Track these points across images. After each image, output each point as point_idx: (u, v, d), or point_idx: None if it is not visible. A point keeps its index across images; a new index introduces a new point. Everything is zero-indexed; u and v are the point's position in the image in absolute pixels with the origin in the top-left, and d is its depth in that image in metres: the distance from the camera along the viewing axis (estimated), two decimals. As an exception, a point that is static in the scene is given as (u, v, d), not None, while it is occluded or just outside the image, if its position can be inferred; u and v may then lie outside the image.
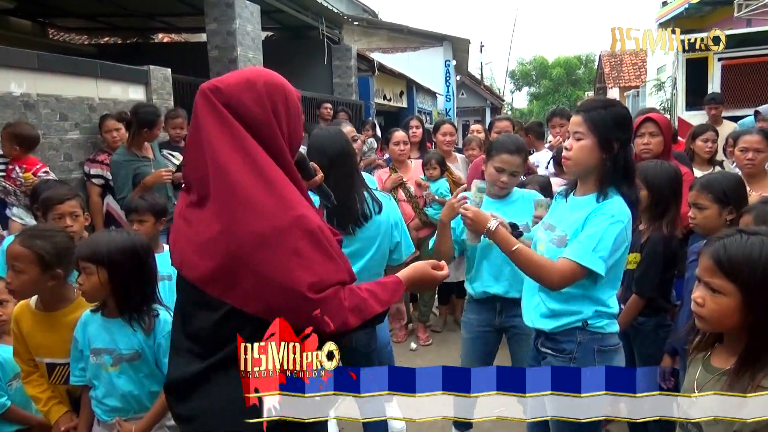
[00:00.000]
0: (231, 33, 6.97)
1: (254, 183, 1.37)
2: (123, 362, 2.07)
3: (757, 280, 1.34)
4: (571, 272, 1.96)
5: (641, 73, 22.61)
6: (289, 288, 1.34)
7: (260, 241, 1.34)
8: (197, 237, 1.42)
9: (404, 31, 18.51)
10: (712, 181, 2.54)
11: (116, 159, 4.22)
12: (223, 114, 1.41)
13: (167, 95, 5.64)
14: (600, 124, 1.99)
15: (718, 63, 7.56)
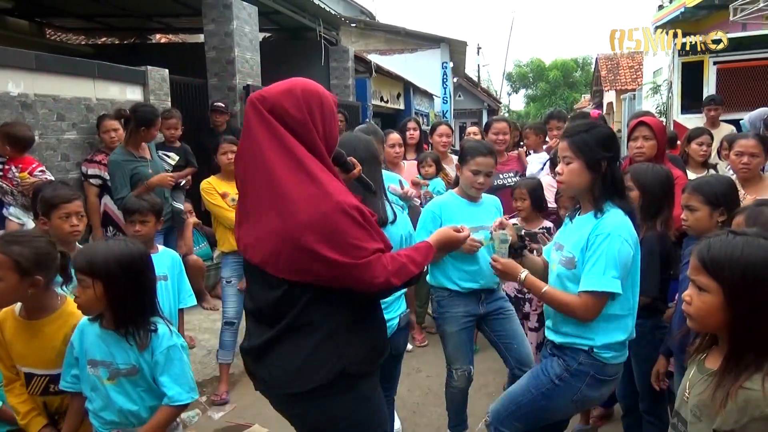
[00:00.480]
0: (229, 34, 6.98)
1: (298, 177, 1.66)
2: (120, 377, 2.02)
3: (736, 278, 1.37)
4: (593, 304, 2.11)
5: (638, 76, 22.69)
6: (335, 260, 1.63)
7: (309, 226, 1.62)
8: (259, 228, 1.71)
9: (401, 33, 18.54)
10: (703, 183, 2.60)
11: (114, 159, 4.23)
12: (267, 119, 1.69)
13: (164, 96, 5.65)
14: (584, 148, 2.14)
15: (713, 67, 7.60)
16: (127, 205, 3.14)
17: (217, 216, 4.11)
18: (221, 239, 4.16)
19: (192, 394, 2.08)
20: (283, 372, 1.75)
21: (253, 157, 1.71)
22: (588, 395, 2.24)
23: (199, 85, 7.02)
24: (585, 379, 2.20)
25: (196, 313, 5.22)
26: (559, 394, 2.22)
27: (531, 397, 2.28)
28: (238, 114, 7.08)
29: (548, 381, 2.25)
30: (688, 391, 1.49)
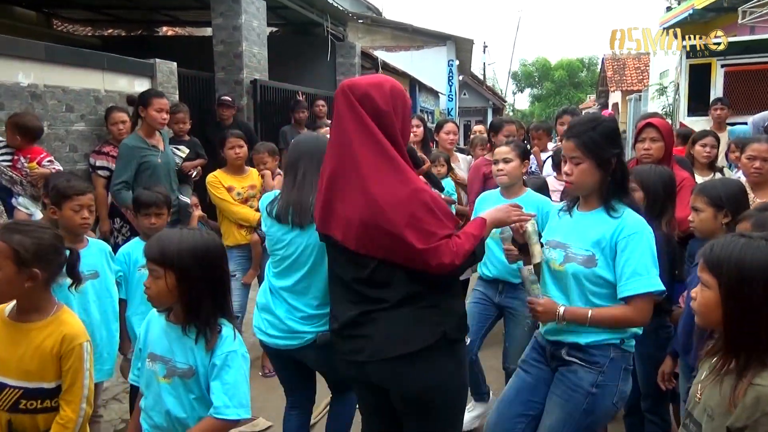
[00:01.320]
0: (237, 28, 6.99)
1: (381, 163, 1.86)
2: (176, 376, 1.87)
3: (731, 275, 1.42)
4: (648, 306, 2.07)
5: (644, 77, 22.64)
6: (410, 243, 1.81)
7: (388, 210, 1.82)
8: (343, 208, 1.90)
9: (408, 30, 18.53)
10: (708, 185, 2.64)
11: (125, 142, 4.28)
12: (356, 107, 1.88)
13: (172, 89, 5.66)
14: (593, 147, 2.07)
15: (721, 69, 7.58)
16: (142, 198, 3.11)
17: (223, 210, 4.10)
18: (226, 233, 4.16)
19: (240, 411, 1.84)
20: (389, 336, 1.92)
21: (341, 143, 1.91)
22: (624, 390, 2.16)
23: (207, 79, 7.03)
24: (619, 374, 2.12)
25: (200, 305, 5.24)
26: (600, 401, 2.11)
27: (574, 422, 2.13)
28: (244, 108, 7.09)
29: (584, 394, 2.11)
30: (700, 392, 1.52)
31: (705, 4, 12.19)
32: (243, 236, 4.14)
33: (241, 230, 4.13)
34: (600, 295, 2.10)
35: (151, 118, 4.34)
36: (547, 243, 2.28)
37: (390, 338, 1.92)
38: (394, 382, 1.97)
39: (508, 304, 3.27)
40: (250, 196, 4.16)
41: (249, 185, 4.17)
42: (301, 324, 2.43)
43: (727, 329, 1.45)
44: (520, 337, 3.19)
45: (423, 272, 1.89)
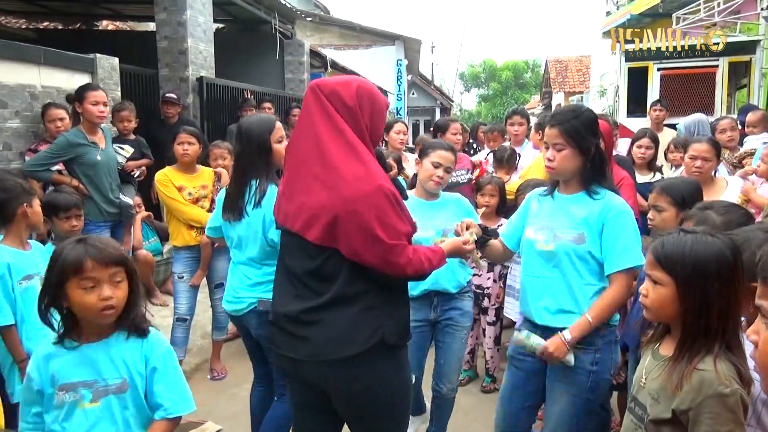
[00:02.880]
0: (182, 24, 6.81)
1: (347, 156, 1.88)
2: (108, 395, 1.76)
3: (687, 272, 1.48)
4: (629, 279, 2.21)
5: (585, 79, 23.38)
6: (372, 234, 1.83)
7: (353, 202, 1.83)
8: (305, 198, 1.91)
9: (357, 29, 18.48)
10: (671, 184, 2.70)
11: (66, 135, 4.17)
12: (324, 102, 1.92)
13: (114, 85, 5.48)
14: (575, 134, 2.21)
15: (657, 72, 7.92)
16: (59, 201, 3.09)
17: (172, 209, 3.97)
18: (174, 233, 4.05)
19: (189, 404, 1.84)
20: (328, 339, 1.91)
21: (307, 136, 1.94)
22: (616, 360, 2.36)
23: (150, 76, 6.83)
24: (611, 348, 2.28)
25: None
26: (601, 376, 2.26)
27: (583, 401, 2.26)
28: (190, 106, 6.93)
29: (587, 374, 2.23)
30: (645, 377, 1.59)
31: (642, 10, 12.68)
32: (193, 237, 4.02)
33: (191, 231, 4.00)
34: (588, 270, 2.24)
35: (88, 112, 4.19)
36: (531, 226, 2.41)
37: (328, 342, 1.91)
38: (330, 384, 1.98)
39: (446, 317, 3.02)
40: (201, 196, 4.02)
41: (200, 185, 4.03)
42: (247, 289, 2.72)
43: (685, 321, 1.50)
44: (459, 349, 3.08)
45: (370, 270, 1.89)
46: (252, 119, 2.77)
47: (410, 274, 1.94)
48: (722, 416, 1.37)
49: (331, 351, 1.91)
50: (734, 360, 1.44)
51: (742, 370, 1.43)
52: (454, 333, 3.02)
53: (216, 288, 4.14)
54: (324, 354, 1.92)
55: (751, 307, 1.48)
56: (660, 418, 1.47)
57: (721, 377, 1.39)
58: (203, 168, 4.14)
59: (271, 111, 7.15)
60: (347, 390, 1.97)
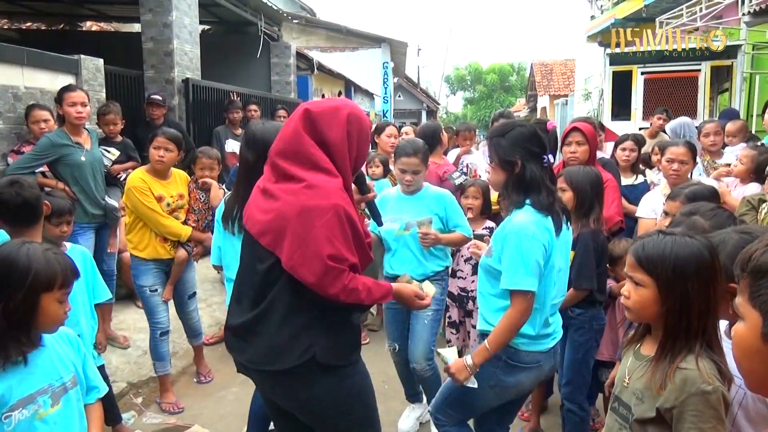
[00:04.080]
0: (167, 25, 6.77)
1: (317, 175, 1.90)
2: (67, 392, 1.80)
3: (668, 273, 1.50)
4: (516, 301, 2.16)
5: (570, 82, 23.56)
6: (314, 250, 1.82)
7: (305, 211, 1.84)
8: (269, 204, 1.93)
9: (343, 31, 18.50)
10: (696, 193, 2.65)
11: (49, 136, 4.10)
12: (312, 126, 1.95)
13: (99, 87, 5.43)
14: (498, 149, 2.26)
15: (641, 76, 8.02)
16: (56, 206, 3.02)
17: (149, 220, 3.63)
18: (142, 243, 3.69)
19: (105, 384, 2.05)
20: (266, 351, 1.93)
21: (287, 149, 1.96)
22: (504, 380, 2.29)
23: (136, 77, 6.78)
24: (498, 364, 2.26)
25: (130, 312, 5.05)
26: (477, 378, 2.26)
27: (455, 386, 2.33)
28: (176, 108, 6.89)
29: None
30: (628, 377, 1.61)
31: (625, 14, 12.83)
32: (167, 251, 3.73)
33: (165, 244, 3.71)
34: (492, 284, 2.30)
35: (66, 113, 4.15)
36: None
37: (266, 353, 1.94)
38: (275, 393, 2.06)
39: None
40: (178, 207, 3.77)
41: (177, 193, 3.76)
42: None
43: (666, 321, 1.52)
44: (420, 330, 3.29)
45: (308, 288, 1.86)
46: (267, 126, 2.64)
47: (343, 301, 1.89)
48: (705, 413, 1.39)
49: (268, 362, 1.94)
50: (715, 358, 1.47)
51: (723, 367, 1.46)
52: (419, 316, 3.27)
53: (189, 299, 4.01)
54: (263, 364, 1.96)
55: (730, 309, 1.52)
56: (645, 417, 1.50)
57: (704, 375, 1.42)
58: (175, 171, 3.85)
59: (257, 113, 7.13)
60: (291, 400, 2.03)
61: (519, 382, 2.30)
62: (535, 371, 2.31)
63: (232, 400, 3.94)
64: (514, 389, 2.32)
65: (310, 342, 1.91)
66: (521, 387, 2.33)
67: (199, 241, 3.86)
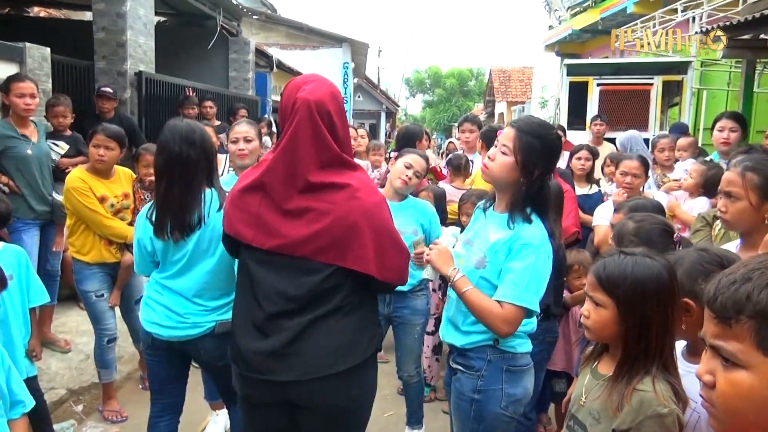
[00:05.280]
0: (121, 15, 6.53)
1: (351, 174, 1.87)
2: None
3: (628, 294, 1.50)
4: (514, 317, 1.93)
5: (527, 89, 24.01)
6: (396, 253, 1.90)
7: (368, 216, 1.83)
8: (310, 224, 1.82)
9: (304, 29, 18.33)
10: (639, 206, 2.63)
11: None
12: (316, 121, 1.83)
13: (45, 77, 5.18)
14: (528, 147, 1.98)
15: (597, 88, 8.20)
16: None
17: (92, 222, 3.43)
18: (85, 247, 3.49)
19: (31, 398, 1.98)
20: (327, 353, 1.85)
21: (296, 157, 1.82)
22: (513, 393, 2.08)
23: (85, 68, 6.51)
24: (501, 377, 2.06)
25: (73, 314, 4.83)
26: (485, 406, 2.07)
27: (468, 430, 2.11)
28: (128, 101, 6.65)
29: (469, 401, 2.09)
30: (585, 396, 1.60)
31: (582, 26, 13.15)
32: (112, 254, 3.55)
33: (109, 247, 3.53)
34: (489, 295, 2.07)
35: (13, 104, 3.95)
36: (462, 237, 2.30)
37: (330, 356, 1.85)
38: (321, 399, 1.90)
39: (397, 314, 3.24)
40: (123, 207, 3.58)
41: (122, 193, 3.57)
42: (202, 315, 2.48)
43: (625, 342, 1.52)
44: (411, 344, 3.30)
45: (369, 280, 1.87)
46: (200, 124, 2.57)
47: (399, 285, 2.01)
48: None
49: (334, 363, 1.86)
50: (671, 380, 1.47)
51: (678, 389, 1.46)
52: (407, 329, 3.24)
53: (136, 304, 3.75)
54: (323, 369, 1.85)
55: (683, 325, 1.53)
56: None
57: (660, 398, 1.42)
58: (119, 169, 3.64)
59: (213, 110, 6.96)
60: (338, 402, 1.90)
61: (525, 389, 2.12)
62: (531, 371, 2.16)
63: (179, 407, 3.79)
64: (524, 400, 2.13)
65: (372, 333, 1.96)
66: (528, 393, 2.14)
67: None
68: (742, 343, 0.89)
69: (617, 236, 2.23)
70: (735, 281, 0.92)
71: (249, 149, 3.21)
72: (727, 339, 0.91)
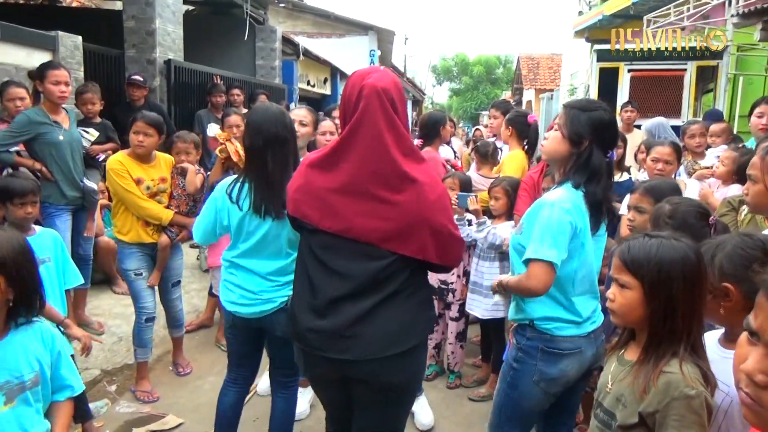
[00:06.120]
0: (150, 4, 6.61)
1: (417, 168, 1.91)
2: (24, 392, 1.75)
3: (653, 275, 1.48)
4: (535, 272, 2.06)
5: (556, 77, 23.61)
6: (454, 236, 1.99)
7: (433, 206, 1.91)
8: (381, 209, 1.89)
9: (330, 17, 18.30)
10: (654, 186, 2.67)
11: (27, 113, 3.99)
12: (390, 113, 1.92)
13: (77, 65, 5.28)
14: (573, 119, 2.14)
15: (627, 74, 8.03)
16: (14, 186, 2.88)
17: (128, 203, 3.59)
18: (125, 227, 3.65)
19: (82, 383, 2.00)
20: (385, 337, 1.93)
21: (375, 142, 1.89)
22: (547, 372, 2.18)
23: (116, 56, 6.62)
24: (536, 354, 2.18)
25: (106, 297, 4.95)
26: (520, 377, 2.22)
27: (503, 394, 2.28)
28: (157, 89, 6.74)
29: (508, 368, 2.27)
30: (611, 383, 1.59)
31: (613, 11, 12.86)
32: (149, 235, 3.67)
33: (147, 228, 3.66)
34: (517, 262, 2.22)
35: (48, 92, 4.02)
36: None
37: (391, 336, 1.94)
38: (378, 377, 1.99)
39: None
40: (160, 191, 3.70)
41: (159, 177, 3.70)
42: (275, 290, 2.59)
43: (651, 324, 1.50)
44: None
45: (428, 265, 2.00)
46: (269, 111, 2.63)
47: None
48: (687, 418, 1.38)
49: (396, 342, 1.94)
50: (699, 362, 1.45)
51: (707, 372, 1.44)
52: None
53: (173, 287, 3.92)
54: (384, 349, 1.93)
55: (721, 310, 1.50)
56: (627, 423, 1.48)
57: (687, 379, 1.40)
58: (160, 155, 3.80)
59: (240, 98, 7.01)
60: (394, 380, 2.00)
61: (562, 371, 2.18)
62: (576, 357, 2.18)
63: (208, 389, 3.87)
64: (559, 380, 2.20)
65: (429, 315, 2.08)
66: (566, 377, 2.20)
67: (182, 226, 3.76)
68: None
69: (654, 219, 2.22)
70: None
71: (302, 132, 3.36)
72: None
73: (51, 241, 2.91)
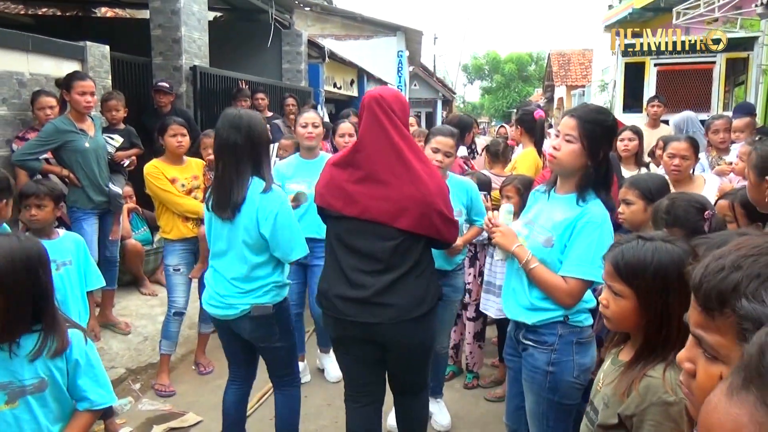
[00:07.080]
0: (175, 12, 6.77)
1: (419, 159, 2.40)
2: (25, 396, 1.74)
3: (648, 284, 1.44)
4: (579, 290, 2.15)
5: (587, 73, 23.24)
6: (451, 218, 2.44)
7: (437, 194, 2.37)
8: (389, 192, 2.33)
9: (358, 19, 18.37)
10: (639, 179, 2.75)
11: (54, 122, 4.15)
12: (390, 114, 2.37)
13: (105, 74, 5.45)
14: (591, 133, 2.13)
15: (654, 68, 7.86)
16: (23, 189, 3.05)
17: (166, 202, 3.88)
18: (168, 226, 3.95)
19: (112, 397, 1.93)
20: (411, 300, 2.37)
21: (381, 141, 2.35)
22: (583, 363, 2.21)
23: (143, 64, 6.80)
24: (572, 348, 2.19)
25: (133, 298, 5.10)
26: (559, 378, 2.19)
27: (544, 402, 2.23)
28: (183, 95, 6.90)
29: (543, 374, 2.22)
30: (602, 382, 1.58)
31: (644, 4, 12.60)
32: (189, 229, 3.95)
33: (186, 223, 3.94)
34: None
35: (75, 101, 4.18)
36: (522, 218, 2.45)
37: (413, 301, 2.37)
38: (403, 339, 2.42)
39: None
40: (194, 187, 3.99)
41: (192, 175, 4.00)
42: (238, 297, 2.68)
43: (646, 331, 1.47)
44: (449, 318, 3.50)
45: (434, 243, 2.46)
46: (251, 113, 2.76)
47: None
48: (663, 425, 1.34)
49: (414, 308, 2.37)
50: None
51: None
52: (446, 305, 3.27)
53: None
54: (406, 313, 2.36)
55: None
56: (607, 424, 1.46)
57: (667, 385, 1.37)
58: (190, 159, 4.09)
59: (264, 102, 7.12)
60: (415, 341, 2.45)
61: (592, 357, 2.26)
62: (594, 342, 2.29)
63: (228, 388, 3.96)
64: (591, 366, 2.25)
65: (436, 286, 2.49)
66: (594, 360, 2.27)
67: None
68: (724, 337, 0.79)
69: (652, 215, 2.21)
70: (723, 268, 0.81)
71: (315, 133, 3.84)
72: (710, 330, 0.82)
73: (73, 244, 3.03)
